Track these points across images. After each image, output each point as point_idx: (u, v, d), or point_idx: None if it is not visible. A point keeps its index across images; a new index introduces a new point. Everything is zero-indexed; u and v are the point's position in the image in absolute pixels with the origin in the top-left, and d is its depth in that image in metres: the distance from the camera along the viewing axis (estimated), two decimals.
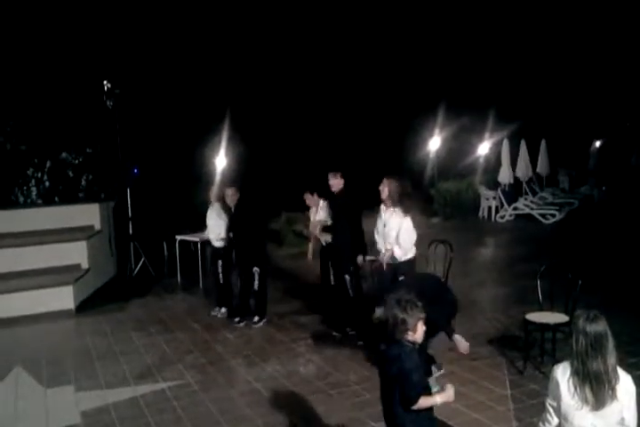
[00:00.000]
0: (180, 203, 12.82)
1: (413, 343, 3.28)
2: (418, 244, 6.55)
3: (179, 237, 10.66)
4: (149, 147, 13.53)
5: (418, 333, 3.28)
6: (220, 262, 8.31)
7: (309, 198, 7.95)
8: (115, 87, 10.04)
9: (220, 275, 8.33)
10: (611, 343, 2.91)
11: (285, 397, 5.55)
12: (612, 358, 2.90)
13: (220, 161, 12.42)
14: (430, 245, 7.61)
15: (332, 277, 7.42)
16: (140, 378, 6.10)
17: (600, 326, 2.92)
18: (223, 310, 8.35)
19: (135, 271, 10.58)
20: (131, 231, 10.63)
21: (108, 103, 10.10)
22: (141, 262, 10.71)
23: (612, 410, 2.88)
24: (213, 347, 7.04)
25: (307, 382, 5.90)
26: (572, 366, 2.98)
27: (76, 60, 12.92)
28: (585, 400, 2.90)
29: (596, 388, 2.87)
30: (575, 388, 2.93)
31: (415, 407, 3.20)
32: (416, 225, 6.51)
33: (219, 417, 5.15)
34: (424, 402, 3.21)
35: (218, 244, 8.30)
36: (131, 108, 11.80)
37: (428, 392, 3.27)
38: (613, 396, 2.87)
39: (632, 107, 20.46)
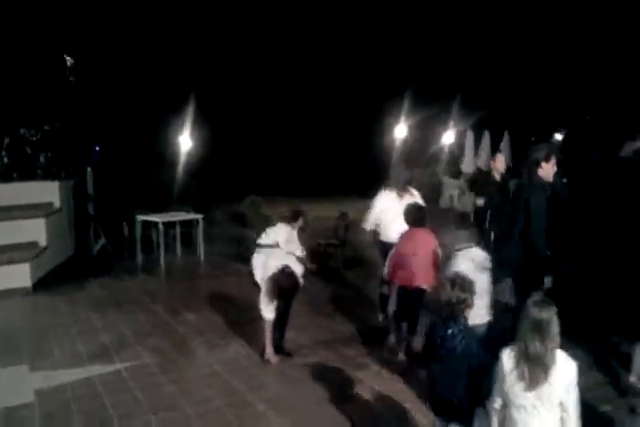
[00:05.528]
0: (143, 182, 12.61)
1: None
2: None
3: (140, 218, 10.51)
4: (112, 125, 13.25)
5: (472, 308, 3.64)
6: None
7: None
8: (78, 63, 9.79)
9: None
10: (554, 329, 3.05)
11: (246, 378, 5.54)
12: (551, 343, 3.04)
13: (185, 141, 12.26)
14: None
15: None
16: (97, 358, 6.00)
17: (546, 313, 3.05)
18: None
19: (95, 251, 10.40)
20: (91, 210, 10.42)
21: (70, 79, 9.85)
22: (101, 242, 10.53)
23: (550, 392, 3.01)
24: (174, 329, 6.97)
25: (267, 363, 5.90)
26: (516, 347, 3.12)
27: (38, 34, 12.51)
28: (522, 379, 3.05)
29: (532, 368, 3.02)
30: (516, 368, 3.08)
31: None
32: None
33: (178, 398, 5.12)
34: None
35: None
36: (94, 84, 11.52)
37: None
38: (547, 377, 3.01)
39: (593, 101, 20.81)
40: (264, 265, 5.78)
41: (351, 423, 4.67)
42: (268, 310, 5.81)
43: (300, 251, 6.01)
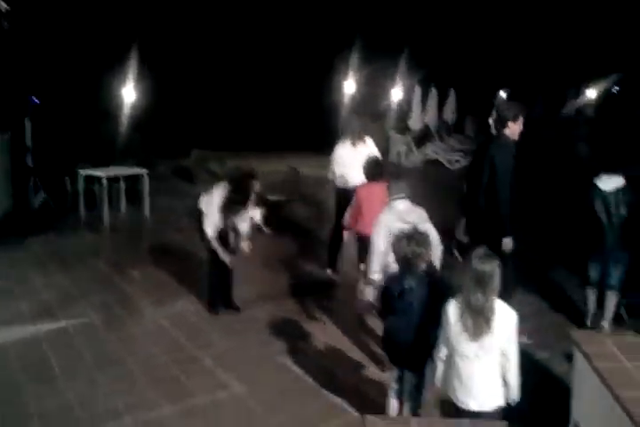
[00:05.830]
0: (85, 135, 12.15)
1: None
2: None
3: (83, 172, 10.18)
4: (52, 75, 12.63)
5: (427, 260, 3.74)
6: None
7: None
8: (11, 6, 9.21)
9: None
10: (495, 281, 3.18)
11: (193, 334, 5.55)
12: (492, 295, 3.17)
13: (128, 93, 11.83)
14: None
15: None
16: (40, 316, 5.88)
17: (488, 266, 3.17)
18: None
19: (35, 206, 10.04)
20: (30, 163, 10.01)
21: (3, 24, 9.28)
22: (40, 196, 10.16)
23: (491, 342, 3.15)
24: (119, 286, 6.85)
25: (215, 318, 5.92)
26: (460, 299, 3.25)
27: None
28: (466, 329, 3.18)
29: (475, 319, 3.15)
30: (460, 319, 3.21)
31: None
32: None
33: (124, 355, 5.09)
34: None
35: None
36: (30, 31, 10.89)
37: None
38: (489, 327, 3.14)
39: (536, 57, 20.94)
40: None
41: (311, 378, 4.73)
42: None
43: (257, 214, 5.99)
